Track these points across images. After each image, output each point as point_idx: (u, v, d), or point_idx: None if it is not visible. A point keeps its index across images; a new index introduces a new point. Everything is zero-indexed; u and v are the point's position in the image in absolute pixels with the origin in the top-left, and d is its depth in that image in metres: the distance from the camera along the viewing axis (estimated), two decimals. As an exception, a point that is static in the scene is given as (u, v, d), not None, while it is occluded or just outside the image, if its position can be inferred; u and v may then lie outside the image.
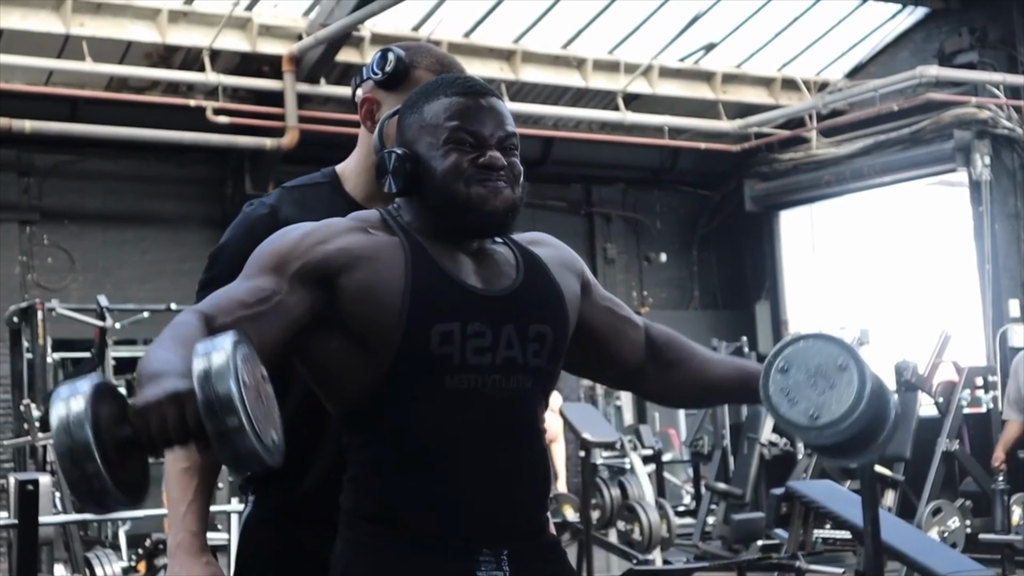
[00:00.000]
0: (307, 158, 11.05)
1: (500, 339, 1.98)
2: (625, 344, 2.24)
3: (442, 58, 2.35)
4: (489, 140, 2.01)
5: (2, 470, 10.55)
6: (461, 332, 1.94)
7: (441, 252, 2.00)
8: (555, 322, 2.07)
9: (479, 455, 1.95)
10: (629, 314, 2.27)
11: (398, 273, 1.94)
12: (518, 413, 2.00)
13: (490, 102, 2.04)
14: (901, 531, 7.10)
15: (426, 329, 1.92)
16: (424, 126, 2.02)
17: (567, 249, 2.23)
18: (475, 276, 2.02)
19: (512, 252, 2.10)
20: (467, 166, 1.99)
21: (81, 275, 12.33)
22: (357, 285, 1.93)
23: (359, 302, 1.93)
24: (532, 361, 2.02)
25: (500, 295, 2.02)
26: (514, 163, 2.03)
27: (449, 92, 2.04)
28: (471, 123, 2.01)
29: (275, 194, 2.35)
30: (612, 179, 15.33)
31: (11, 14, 10.79)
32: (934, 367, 9.86)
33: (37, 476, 5.54)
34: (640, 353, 2.25)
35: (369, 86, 2.34)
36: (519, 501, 2.00)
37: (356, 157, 2.38)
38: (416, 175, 2.00)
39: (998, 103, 12.74)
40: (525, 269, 2.08)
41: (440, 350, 1.92)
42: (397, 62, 2.29)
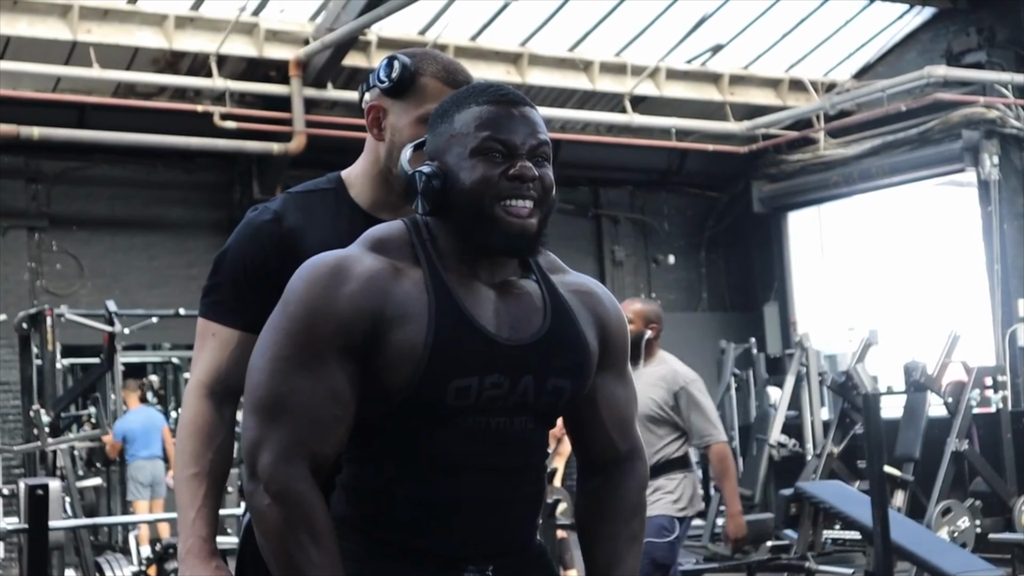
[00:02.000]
0: (315, 162, 11.08)
1: (517, 388, 1.95)
2: (589, 443, 2.16)
3: (448, 65, 2.33)
4: (520, 149, 1.96)
5: (12, 475, 10.58)
6: (478, 385, 1.92)
7: (466, 290, 1.96)
8: (575, 378, 2.03)
9: (474, 485, 1.94)
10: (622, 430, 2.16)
11: (422, 325, 1.90)
12: (518, 451, 1.99)
13: (522, 111, 2.00)
14: (911, 531, 7.10)
15: (444, 385, 1.90)
16: (454, 135, 1.98)
17: (613, 308, 2.14)
18: (498, 319, 1.97)
19: (541, 291, 2.05)
20: (497, 178, 1.94)
21: (89, 281, 12.36)
22: (385, 346, 1.90)
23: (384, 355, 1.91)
24: (543, 409, 2.01)
25: (522, 345, 1.97)
26: (545, 174, 1.98)
27: (480, 101, 1.99)
28: (502, 132, 1.96)
29: (280, 199, 2.34)
30: (620, 181, 15.32)
31: (18, 21, 10.82)
32: (943, 367, 9.84)
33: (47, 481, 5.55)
34: (594, 462, 2.17)
35: (375, 93, 2.33)
36: (507, 527, 2.00)
37: (362, 163, 2.37)
38: (445, 193, 1.96)
39: (1006, 103, 12.72)
40: (552, 315, 2.02)
41: (455, 403, 1.91)
42: (403, 69, 2.28)
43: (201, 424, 2.26)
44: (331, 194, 2.35)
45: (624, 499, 2.15)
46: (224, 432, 2.27)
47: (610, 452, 2.15)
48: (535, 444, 2.02)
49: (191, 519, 2.22)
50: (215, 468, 2.25)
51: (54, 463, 8.84)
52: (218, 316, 2.30)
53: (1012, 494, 9.56)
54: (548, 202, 1.99)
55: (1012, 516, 9.41)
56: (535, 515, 2.07)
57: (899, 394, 10.27)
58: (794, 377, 11.22)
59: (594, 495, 2.16)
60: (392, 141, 2.29)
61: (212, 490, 2.24)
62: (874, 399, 6.55)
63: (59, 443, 8.93)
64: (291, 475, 1.85)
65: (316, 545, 1.84)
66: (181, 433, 2.28)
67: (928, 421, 9.75)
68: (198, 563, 2.19)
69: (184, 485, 2.24)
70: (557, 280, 2.09)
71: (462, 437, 1.93)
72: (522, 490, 2.01)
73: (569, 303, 2.06)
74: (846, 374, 10.37)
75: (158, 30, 11.41)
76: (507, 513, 1.99)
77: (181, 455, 2.27)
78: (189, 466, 2.24)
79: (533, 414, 1.99)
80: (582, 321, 2.06)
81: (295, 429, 1.87)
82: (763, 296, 15.62)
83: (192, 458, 2.25)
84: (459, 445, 1.93)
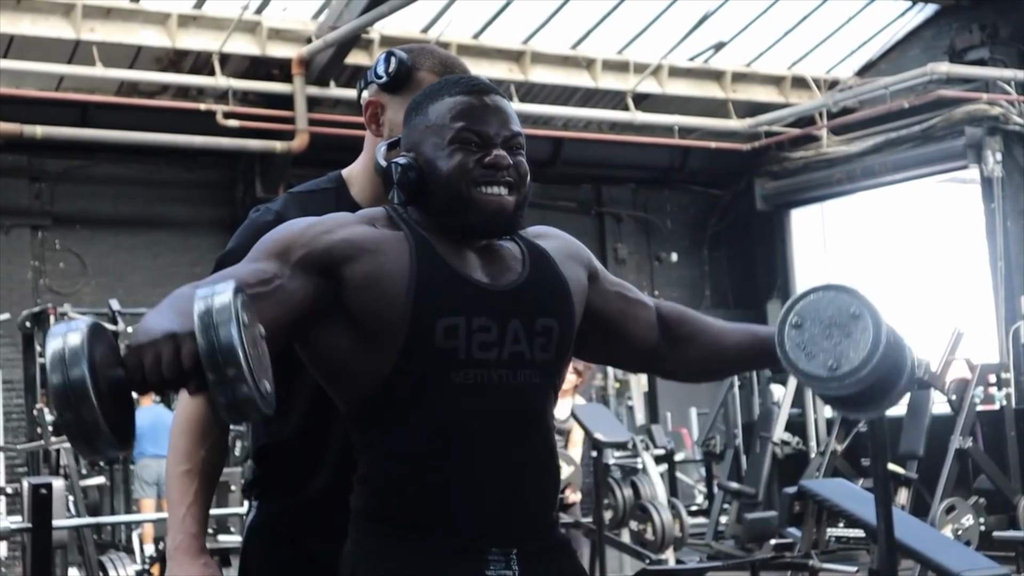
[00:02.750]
0: (317, 161, 11.09)
1: (506, 334, 1.97)
2: (638, 326, 2.23)
3: (445, 59, 2.34)
4: (494, 139, 2.00)
5: (16, 474, 10.58)
6: (466, 326, 1.93)
7: (447, 247, 2.00)
8: (561, 315, 2.06)
9: (487, 451, 1.94)
10: (639, 296, 2.27)
11: (402, 266, 1.94)
12: (526, 408, 1.99)
13: (495, 101, 2.03)
14: (915, 529, 7.08)
15: (431, 323, 1.91)
16: (429, 127, 2.02)
17: (573, 240, 2.22)
18: (481, 271, 2.01)
19: (518, 246, 2.09)
20: (472, 166, 1.98)
21: (93, 279, 12.36)
22: (361, 275, 1.93)
23: (363, 293, 1.92)
24: (539, 356, 2.01)
25: (506, 289, 2.01)
26: (520, 162, 2.02)
27: (453, 92, 2.03)
28: (476, 122, 2.00)
29: (281, 200, 2.35)
30: (622, 179, 15.32)
31: (21, 20, 10.82)
32: (947, 364, 9.82)
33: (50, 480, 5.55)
34: (654, 333, 2.25)
35: (373, 89, 2.34)
36: (528, 497, 1.99)
37: (362, 161, 2.38)
38: (421, 183, 2.00)
39: (1009, 99, 12.71)
40: (531, 263, 2.07)
41: (445, 344, 1.92)
42: (400, 65, 2.29)
43: (194, 421, 2.24)
44: (332, 193, 2.35)
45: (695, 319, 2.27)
46: (217, 430, 2.25)
47: (650, 325, 2.25)
48: (541, 401, 2.03)
49: (181, 516, 2.19)
50: (207, 466, 2.23)
51: (57, 462, 8.84)
52: None
53: (1016, 492, 9.55)
54: (524, 188, 2.03)
55: (1016, 514, 9.39)
56: (553, 488, 2.06)
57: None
58: (797, 375, 11.20)
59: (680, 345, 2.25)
60: (391, 136, 2.30)
61: (203, 487, 2.22)
62: (878, 397, 6.53)
63: (62, 442, 8.93)
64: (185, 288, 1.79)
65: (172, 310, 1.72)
66: (174, 430, 2.27)
67: (932, 419, 9.73)
68: (186, 560, 2.16)
69: (175, 482, 2.22)
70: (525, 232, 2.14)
71: (465, 396, 1.93)
72: (534, 452, 2.00)
73: (545, 247, 2.12)
74: (850, 372, 10.35)
75: (161, 29, 11.41)
76: (523, 481, 1.98)
77: (173, 451, 2.25)
78: (181, 463, 2.23)
79: (533, 366, 2.00)
80: (558, 261, 2.11)
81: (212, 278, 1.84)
82: (766, 294, 15.61)
83: (184, 455, 2.23)
84: (463, 406, 1.93)
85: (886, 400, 2.11)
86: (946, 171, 13.54)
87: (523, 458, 1.98)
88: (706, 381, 2.42)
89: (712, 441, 11.52)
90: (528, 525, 1.99)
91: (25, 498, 5.48)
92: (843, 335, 2.02)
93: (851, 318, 2.02)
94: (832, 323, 2.03)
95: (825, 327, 2.03)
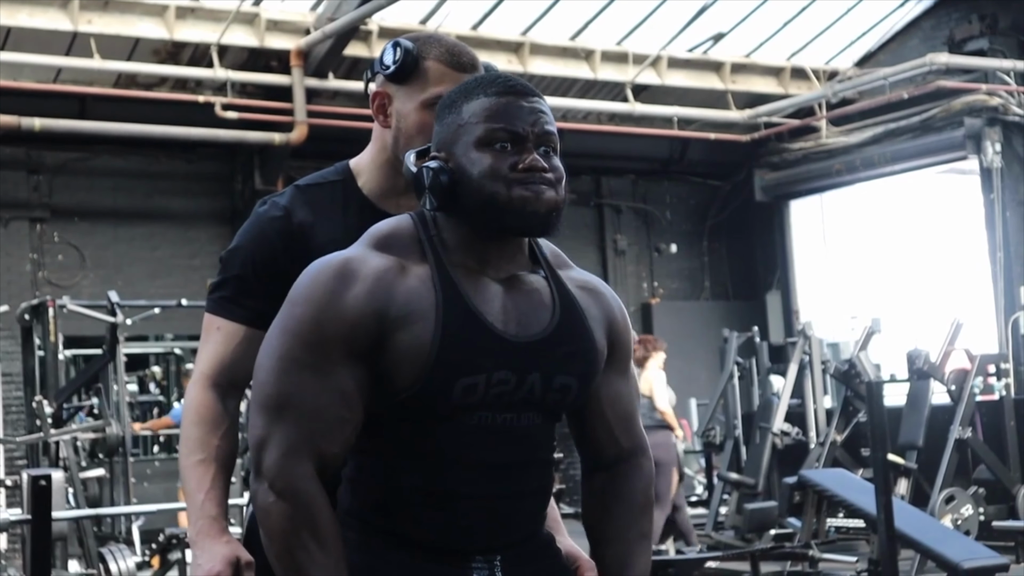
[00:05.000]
0: (316, 152, 11.08)
1: (524, 385, 1.94)
2: (597, 435, 2.14)
3: (452, 47, 2.30)
4: (528, 140, 1.94)
5: (15, 466, 10.58)
6: (486, 383, 1.91)
7: (473, 286, 1.95)
8: (582, 376, 2.02)
9: (479, 480, 1.94)
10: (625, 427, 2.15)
11: (428, 324, 1.89)
12: (525, 447, 1.98)
13: (531, 102, 1.97)
14: (914, 519, 7.09)
15: (451, 383, 1.89)
16: (462, 125, 1.96)
17: (618, 308, 2.14)
18: (506, 315, 1.96)
19: (549, 287, 2.03)
20: (506, 170, 1.92)
21: (92, 272, 12.35)
22: (391, 346, 1.89)
23: (390, 358, 1.90)
24: (550, 405, 2.00)
25: (530, 341, 1.96)
26: (556, 165, 1.96)
27: (489, 91, 1.97)
28: (510, 123, 1.94)
29: (287, 194, 2.32)
30: (622, 170, 15.31)
31: (19, 12, 10.80)
32: (946, 355, 9.84)
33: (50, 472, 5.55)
34: (601, 456, 2.15)
35: (380, 80, 2.32)
36: (514, 521, 1.99)
37: (370, 151, 2.36)
38: (453, 187, 1.94)
39: (1009, 90, 12.70)
40: (561, 312, 2.01)
41: (462, 401, 1.90)
42: (405, 54, 2.26)
43: (205, 413, 2.25)
44: (339, 186, 2.33)
45: (631, 497, 2.14)
46: (228, 421, 2.26)
47: (614, 449, 2.14)
48: (542, 439, 2.01)
49: (200, 502, 2.20)
50: (221, 454, 2.24)
51: (57, 454, 8.84)
52: (224, 311, 2.29)
53: (1015, 482, 9.56)
54: (561, 189, 1.97)
55: (1015, 504, 9.41)
56: (543, 508, 2.06)
57: (902, 382, 10.27)
58: (797, 365, 11.22)
59: (600, 494, 2.15)
60: (398, 127, 2.28)
61: (220, 474, 2.23)
62: (877, 387, 6.55)
63: (62, 434, 8.94)
64: (296, 474, 1.85)
65: (320, 546, 1.84)
66: (185, 422, 2.27)
67: (931, 409, 9.74)
68: (210, 542, 2.17)
69: (191, 471, 2.23)
70: (564, 275, 2.07)
71: (468, 433, 1.92)
72: (529, 485, 2.00)
73: (577, 299, 2.05)
74: (849, 362, 10.36)
75: (159, 20, 11.39)
76: (514, 507, 1.98)
77: (186, 442, 2.25)
78: (195, 452, 2.23)
79: (540, 410, 1.98)
80: (590, 318, 2.05)
81: (301, 428, 1.86)
82: (766, 285, 15.62)
83: (198, 444, 2.23)
84: (464, 440, 1.92)
85: None
86: (945, 162, 13.54)
87: (514, 489, 1.98)
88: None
89: (712, 432, 11.53)
90: (513, 537, 1.99)
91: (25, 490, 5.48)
92: None
93: None
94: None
95: None
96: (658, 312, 15.14)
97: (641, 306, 15.20)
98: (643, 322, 14.94)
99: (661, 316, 15.05)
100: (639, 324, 14.72)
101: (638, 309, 15.11)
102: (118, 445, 9.45)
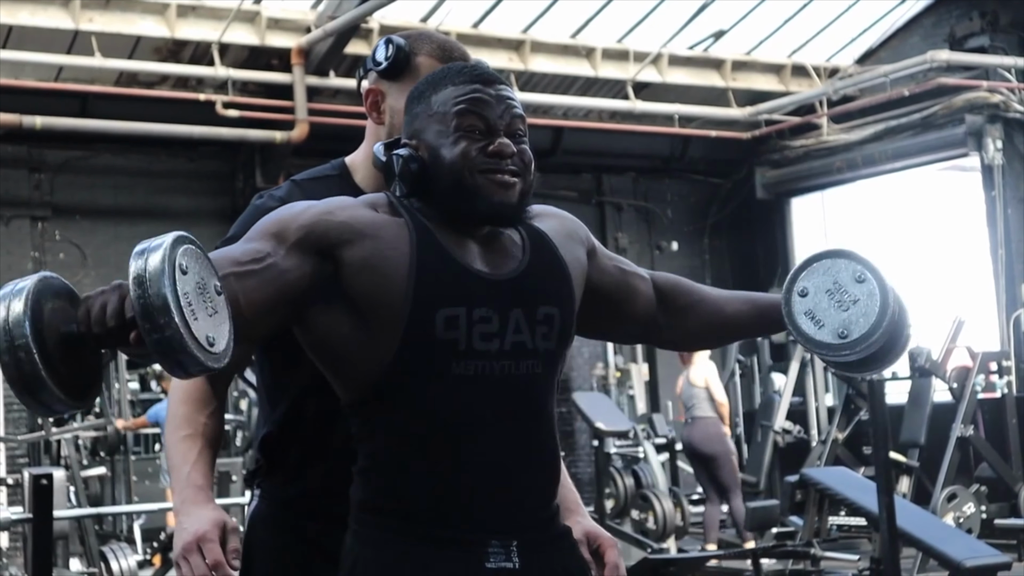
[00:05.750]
0: (317, 151, 11.04)
1: (508, 324, 1.95)
2: (637, 300, 2.25)
3: (444, 43, 2.33)
4: (498, 126, 1.98)
5: (17, 465, 10.59)
6: (467, 317, 1.92)
7: (447, 235, 1.98)
8: (562, 303, 2.04)
9: (487, 443, 1.93)
10: (636, 269, 2.28)
11: (402, 253, 1.92)
12: (528, 399, 1.98)
13: (498, 89, 2.02)
14: (916, 517, 7.09)
15: (431, 313, 1.90)
16: (432, 115, 2.00)
17: (570, 218, 2.21)
18: (481, 259, 1.99)
19: (518, 231, 2.07)
20: (476, 154, 1.96)
21: (93, 270, 12.35)
22: (360, 260, 1.91)
23: (362, 278, 1.90)
24: (541, 345, 1.99)
25: (507, 278, 1.99)
26: (524, 150, 2.01)
27: (457, 80, 2.01)
28: (479, 109, 1.98)
29: (285, 187, 2.34)
30: (622, 168, 15.31)
31: (20, 10, 10.80)
32: (948, 352, 9.84)
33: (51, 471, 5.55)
34: (652, 305, 2.26)
35: (373, 77, 2.34)
36: (528, 488, 1.98)
37: (365, 148, 2.37)
38: (423, 174, 1.98)
39: (1010, 87, 12.69)
40: (531, 249, 2.05)
41: (445, 335, 1.90)
42: (398, 51, 2.28)
43: (192, 391, 2.23)
44: (335, 180, 2.34)
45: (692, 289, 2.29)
46: (216, 402, 2.24)
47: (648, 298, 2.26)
48: (544, 392, 2.01)
49: (185, 473, 2.16)
50: (208, 431, 2.21)
51: (58, 452, 8.86)
52: None
53: (1017, 479, 9.57)
54: (529, 176, 2.01)
55: (1018, 502, 9.41)
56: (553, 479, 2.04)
57: (904, 380, 10.28)
58: (798, 363, 11.22)
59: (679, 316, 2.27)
60: (392, 124, 2.30)
61: (206, 449, 2.20)
62: (879, 385, 6.55)
63: (63, 432, 8.94)
64: None
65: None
66: (172, 399, 2.25)
67: (933, 407, 9.75)
68: (194, 507, 2.13)
69: (177, 446, 2.19)
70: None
71: (465, 386, 1.91)
72: (535, 444, 1.99)
73: (544, 230, 2.10)
74: (850, 360, 10.35)
75: (160, 19, 11.39)
76: (523, 473, 1.96)
77: (173, 419, 2.23)
78: (181, 428, 2.20)
79: (535, 356, 1.98)
80: (559, 246, 2.09)
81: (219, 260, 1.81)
82: (767, 282, 15.59)
83: (184, 421, 2.21)
84: (463, 395, 1.91)
85: (890, 360, 2.13)
86: (946, 159, 13.52)
87: (524, 450, 1.97)
88: (704, 349, 2.43)
89: (713, 430, 11.51)
90: (528, 516, 1.98)
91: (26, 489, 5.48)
92: (851, 301, 2.03)
93: (856, 282, 2.03)
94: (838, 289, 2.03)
95: (831, 294, 2.04)
96: (659, 310, 15.13)
97: (642, 304, 15.19)
98: (644, 320, 14.93)
99: (662, 314, 15.04)
100: (640, 322, 14.71)
101: (639, 307, 15.10)
102: (119, 443, 9.46)
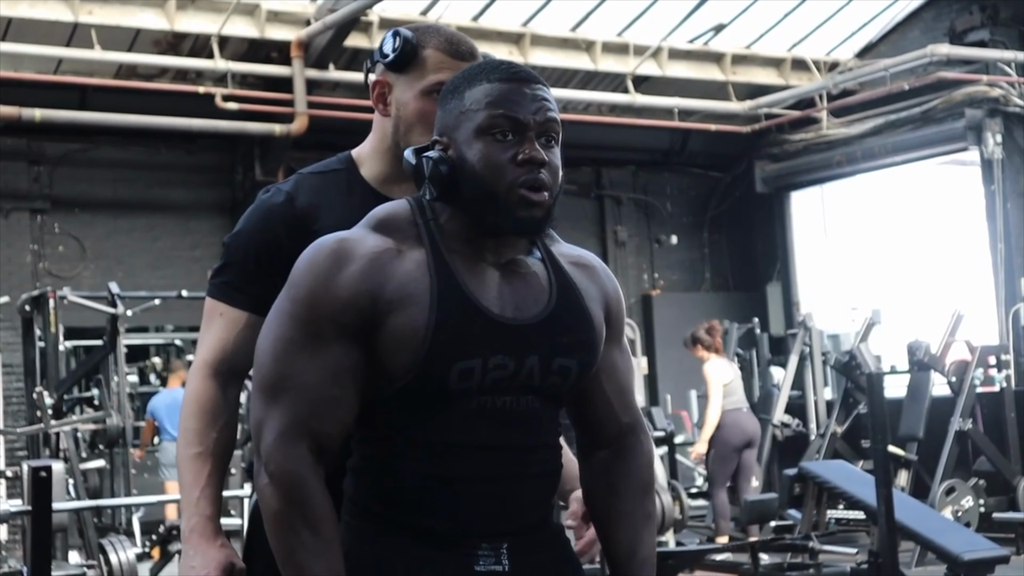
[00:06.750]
0: (316, 144, 11.07)
1: (522, 369, 1.94)
2: (595, 413, 2.13)
3: (451, 36, 2.32)
4: (529, 127, 1.95)
5: (16, 457, 10.59)
6: (482, 367, 1.90)
7: (469, 270, 1.95)
8: (582, 357, 2.01)
9: (481, 464, 1.93)
10: (624, 402, 2.15)
11: (423, 307, 1.89)
12: (526, 431, 1.97)
13: (534, 89, 1.98)
14: (915, 511, 7.10)
15: (447, 367, 1.88)
16: (464, 112, 1.96)
17: (608, 278, 2.14)
18: (503, 299, 1.96)
19: (546, 270, 2.03)
20: (507, 163, 1.93)
21: (92, 263, 12.36)
22: (386, 328, 1.89)
23: (385, 340, 1.90)
24: (548, 389, 1.99)
25: (527, 324, 1.95)
26: (553, 156, 1.97)
27: (492, 78, 1.97)
28: (512, 110, 1.94)
29: (292, 180, 2.34)
30: (622, 161, 15.30)
31: (20, 3, 10.79)
32: (947, 346, 9.84)
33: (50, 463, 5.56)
34: (600, 434, 2.14)
35: (379, 69, 2.33)
36: (520, 507, 1.98)
37: (371, 140, 2.37)
38: (453, 176, 1.95)
39: (1010, 81, 12.68)
40: (558, 294, 2.01)
41: (459, 385, 1.90)
42: (405, 43, 2.27)
43: (204, 403, 2.25)
44: (342, 174, 2.34)
45: (635, 476, 2.14)
46: (228, 412, 2.27)
47: (614, 425, 2.14)
48: (544, 423, 2.00)
49: (195, 499, 2.21)
50: (219, 448, 2.25)
51: (57, 445, 8.85)
52: (226, 297, 2.30)
53: (1016, 473, 9.57)
54: (556, 187, 1.98)
55: (1016, 495, 9.42)
56: (549, 494, 2.05)
57: (903, 374, 10.28)
58: (797, 357, 11.22)
59: (604, 472, 2.14)
60: (398, 116, 2.30)
61: (216, 470, 2.24)
62: (878, 379, 6.55)
63: (62, 425, 8.94)
64: (290, 456, 1.85)
65: (310, 528, 1.84)
66: (184, 412, 2.27)
67: (932, 401, 9.75)
68: (202, 542, 2.19)
69: (187, 464, 2.23)
70: (557, 253, 2.08)
71: (467, 417, 1.92)
72: (533, 469, 1.99)
73: (574, 279, 2.05)
74: (849, 354, 10.37)
75: (159, 11, 11.38)
76: (518, 492, 1.97)
77: (184, 434, 2.26)
78: (192, 445, 2.24)
79: (538, 394, 1.97)
80: (587, 297, 2.05)
81: (295, 409, 1.87)
82: (766, 276, 15.61)
83: (196, 437, 2.24)
84: (465, 424, 1.92)
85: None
86: (946, 153, 13.52)
87: (517, 473, 1.97)
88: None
89: (712, 423, 11.51)
90: (520, 519, 1.98)
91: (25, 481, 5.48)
92: None
93: None
94: None
95: None
96: (658, 303, 15.14)
97: (641, 297, 15.20)
98: (643, 314, 14.94)
99: (661, 308, 15.04)
100: (640, 316, 14.72)
101: (638, 300, 15.11)
102: (118, 436, 9.46)
